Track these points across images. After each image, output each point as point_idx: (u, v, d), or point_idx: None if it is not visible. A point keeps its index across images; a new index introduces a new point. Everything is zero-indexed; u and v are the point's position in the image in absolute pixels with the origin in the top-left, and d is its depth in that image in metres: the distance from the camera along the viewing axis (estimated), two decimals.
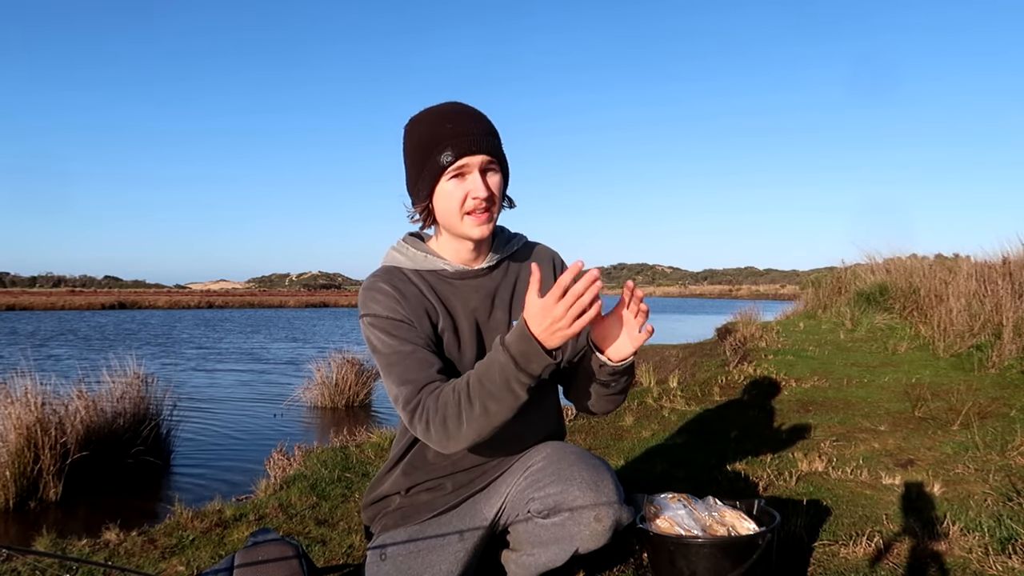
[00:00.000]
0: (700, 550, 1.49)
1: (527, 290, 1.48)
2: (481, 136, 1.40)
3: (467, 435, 1.31)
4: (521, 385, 1.25)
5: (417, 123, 1.44)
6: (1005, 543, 1.88)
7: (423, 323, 1.43)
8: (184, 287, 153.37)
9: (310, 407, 7.08)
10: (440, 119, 1.41)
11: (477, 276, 1.52)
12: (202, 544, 2.19)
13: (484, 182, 1.40)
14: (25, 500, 3.80)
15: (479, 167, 1.40)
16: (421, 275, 1.49)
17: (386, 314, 1.42)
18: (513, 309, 1.54)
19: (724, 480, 2.61)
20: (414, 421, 1.35)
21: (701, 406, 4.12)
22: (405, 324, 1.41)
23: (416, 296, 1.45)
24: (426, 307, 1.45)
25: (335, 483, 2.83)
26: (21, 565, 2.03)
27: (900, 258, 8.95)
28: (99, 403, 4.44)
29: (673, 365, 6.95)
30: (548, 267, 1.61)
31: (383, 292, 1.43)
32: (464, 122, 1.40)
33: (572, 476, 1.43)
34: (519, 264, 1.58)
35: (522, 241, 1.62)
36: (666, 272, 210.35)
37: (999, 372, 4.60)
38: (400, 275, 1.47)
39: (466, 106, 1.45)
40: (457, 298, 1.49)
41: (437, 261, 1.50)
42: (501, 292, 1.53)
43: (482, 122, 1.43)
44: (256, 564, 1.44)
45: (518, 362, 1.24)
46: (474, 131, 1.40)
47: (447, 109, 1.44)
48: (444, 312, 1.47)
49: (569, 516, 1.42)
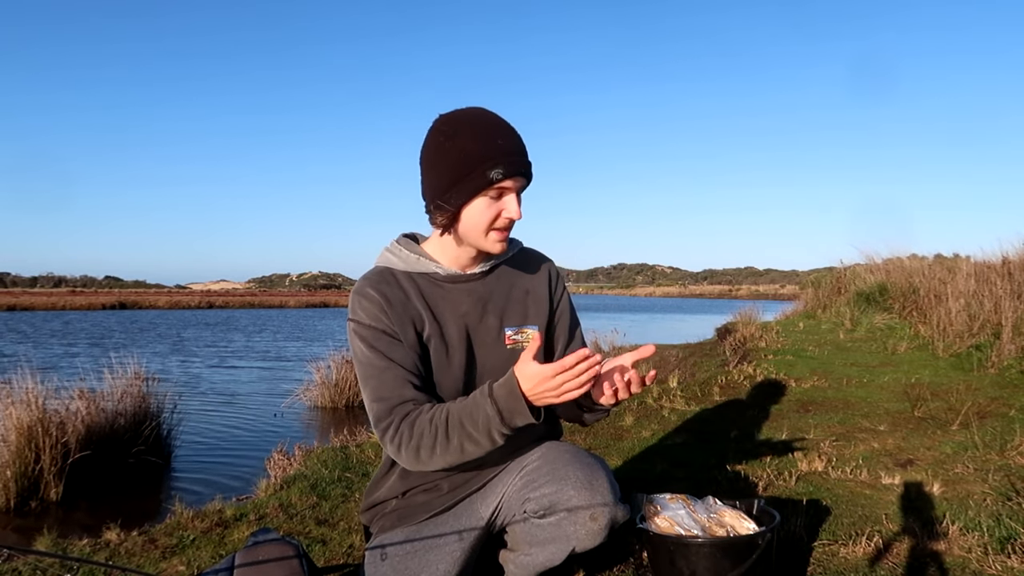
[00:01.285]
0: (700, 550, 1.49)
1: (523, 298, 1.49)
2: (526, 159, 1.42)
3: (437, 464, 1.37)
4: (501, 435, 1.32)
5: (460, 130, 1.39)
6: (1004, 543, 1.88)
7: (407, 332, 1.44)
8: (184, 287, 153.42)
9: (310, 407, 7.08)
10: (491, 133, 1.39)
11: (469, 280, 1.52)
12: (202, 544, 2.19)
13: (519, 206, 1.42)
14: (26, 500, 3.80)
15: (518, 189, 1.41)
16: (412, 277, 1.49)
17: (369, 322, 1.43)
18: (505, 316, 1.53)
19: (724, 480, 2.61)
20: (385, 439, 1.39)
21: (701, 406, 4.12)
22: (387, 336, 1.43)
23: (402, 302, 1.46)
24: (412, 315, 1.46)
25: (335, 483, 2.83)
26: (22, 565, 2.03)
27: (899, 258, 8.95)
28: (100, 403, 4.44)
29: (673, 365, 6.95)
30: (543, 276, 1.61)
31: (369, 299, 1.44)
32: (514, 141, 1.41)
33: (567, 476, 1.43)
34: (514, 270, 1.58)
35: (518, 247, 1.62)
36: (666, 272, 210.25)
37: (998, 372, 4.60)
38: (391, 277, 1.48)
39: (507, 122, 1.44)
40: (447, 302, 1.49)
41: (429, 264, 1.50)
42: (494, 298, 1.53)
43: (523, 143, 1.43)
44: (256, 564, 1.45)
45: (503, 416, 1.29)
46: (522, 152, 1.41)
47: (493, 122, 1.42)
48: (431, 318, 1.47)
49: (565, 516, 1.42)
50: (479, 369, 1.50)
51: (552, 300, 1.61)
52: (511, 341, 1.53)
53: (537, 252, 1.66)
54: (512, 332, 1.53)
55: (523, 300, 1.57)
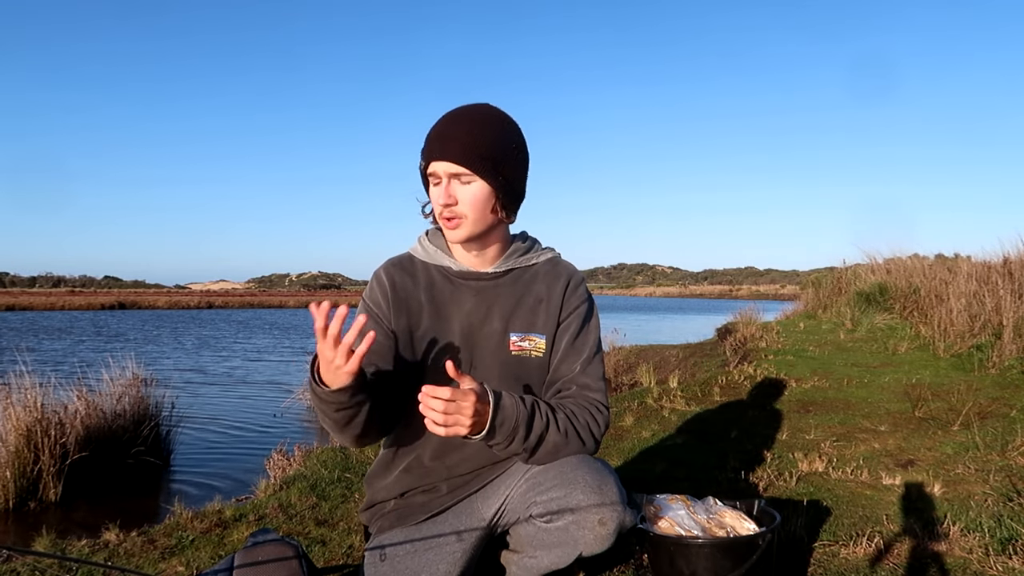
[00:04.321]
0: (700, 551, 1.49)
1: (535, 305, 1.50)
2: (454, 143, 1.39)
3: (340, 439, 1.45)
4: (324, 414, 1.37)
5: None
6: (1005, 543, 1.87)
7: (399, 320, 1.48)
8: (184, 287, 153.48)
9: (310, 407, 7.08)
10: (438, 123, 1.43)
11: (480, 279, 1.52)
12: (202, 544, 2.18)
13: (447, 190, 1.41)
14: (25, 500, 3.80)
15: (449, 173, 1.40)
16: (428, 269, 1.53)
17: (368, 302, 1.52)
18: (511, 321, 1.51)
19: (724, 480, 2.61)
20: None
21: (701, 406, 4.12)
22: (375, 319, 1.48)
23: (407, 290, 1.50)
24: (411, 305, 1.49)
25: (335, 483, 2.83)
26: (21, 566, 2.03)
27: (900, 258, 8.95)
28: (99, 403, 4.44)
29: (673, 365, 6.95)
30: (559, 286, 1.55)
31: (379, 280, 1.52)
32: (448, 127, 1.41)
33: (575, 479, 1.42)
34: (532, 277, 1.55)
35: (545, 255, 1.58)
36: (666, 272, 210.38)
37: (999, 372, 4.60)
38: (410, 264, 1.55)
39: (470, 110, 1.44)
40: (454, 299, 1.50)
41: (444, 258, 1.53)
42: (502, 302, 1.51)
43: (470, 130, 1.40)
44: (256, 564, 1.44)
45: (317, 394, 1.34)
46: (449, 137, 1.40)
47: (452, 113, 1.44)
48: (432, 312, 1.49)
49: (573, 519, 1.41)
50: (476, 370, 1.49)
51: (562, 310, 1.54)
52: (516, 347, 1.51)
53: (568, 264, 1.61)
54: (518, 338, 1.51)
55: (534, 308, 1.53)
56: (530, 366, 1.52)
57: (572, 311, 1.55)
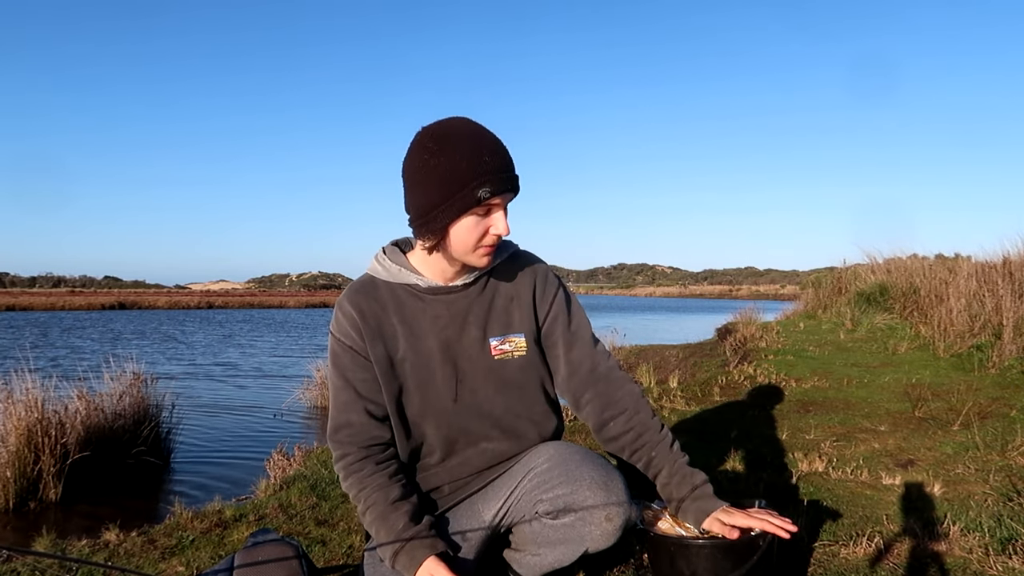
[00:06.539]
0: (700, 551, 1.48)
1: (507, 305, 1.49)
2: (514, 173, 1.38)
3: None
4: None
5: (444, 146, 1.34)
6: (1005, 543, 1.87)
7: (376, 349, 1.45)
8: (184, 287, 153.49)
9: (310, 407, 7.08)
10: (477, 149, 1.34)
11: (450, 292, 1.49)
12: (202, 544, 2.18)
13: (506, 219, 1.39)
14: (25, 500, 3.81)
15: (504, 204, 1.39)
16: (393, 289, 1.48)
17: (339, 336, 1.48)
18: (488, 326, 1.50)
19: (724, 480, 2.61)
20: (337, 466, 1.48)
21: (701, 406, 4.12)
22: (350, 353, 1.46)
23: (377, 317, 1.46)
24: (385, 331, 1.46)
25: (335, 483, 2.82)
26: (21, 566, 2.03)
27: (900, 258, 8.96)
28: (99, 403, 4.44)
29: (673, 365, 6.95)
30: (527, 280, 1.54)
31: (345, 312, 1.47)
32: (501, 156, 1.36)
33: (582, 476, 1.42)
34: (499, 278, 1.53)
35: (508, 252, 1.55)
36: (666, 272, 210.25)
37: (999, 372, 4.60)
38: (372, 288, 1.49)
39: (493, 135, 1.40)
40: (426, 316, 1.47)
41: (410, 276, 1.48)
42: (475, 309, 1.49)
43: (509, 156, 1.39)
44: (256, 564, 1.44)
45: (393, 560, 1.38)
46: (510, 167, 1.37)
47: (479, 137, 1.36)
48: (407, 333, 1.46)
49: (579, 516, 1.41)
50: (465, 382, 1.48)
51: (536, 304, 1.54)
52: (498, 352, 1.50)
53: (528, 255, 1.59)
54: (497, 342, 1.50)
55: (507, 308, 1.52)
56: (513, 368, 1.51)
57: (552, 300, 1.56)
